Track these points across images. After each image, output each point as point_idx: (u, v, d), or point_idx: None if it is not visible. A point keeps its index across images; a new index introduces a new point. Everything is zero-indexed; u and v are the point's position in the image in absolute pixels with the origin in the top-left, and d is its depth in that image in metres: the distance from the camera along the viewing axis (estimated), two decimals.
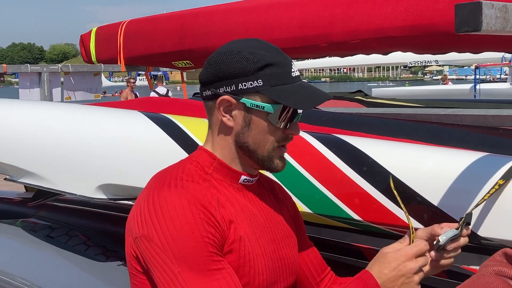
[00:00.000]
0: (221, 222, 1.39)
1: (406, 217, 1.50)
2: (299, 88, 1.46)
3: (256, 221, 1.48)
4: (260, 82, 1.42)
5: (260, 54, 1.43)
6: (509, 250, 1.43)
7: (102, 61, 4.60)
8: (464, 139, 2.22)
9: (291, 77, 1.46)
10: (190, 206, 1.36)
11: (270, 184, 1.66)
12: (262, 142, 1.46)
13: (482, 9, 1.16)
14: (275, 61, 1.44)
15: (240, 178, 1.50)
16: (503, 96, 10.93)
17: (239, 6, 3.45)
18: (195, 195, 1.39)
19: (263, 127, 1.45)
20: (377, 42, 2.82)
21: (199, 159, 1.50)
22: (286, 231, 1.58)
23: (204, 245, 1.34)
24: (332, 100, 4.11)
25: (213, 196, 1.42)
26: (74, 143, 2.33)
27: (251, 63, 1.42)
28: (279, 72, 1.44)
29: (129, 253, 1.45)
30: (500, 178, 1.59)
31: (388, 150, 1.90)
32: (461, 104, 3.51)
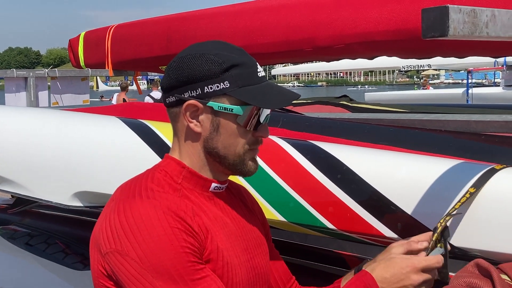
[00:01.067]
0: (198, 231, 1.34)
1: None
2: (267, 88, 1.42)
3: (229, 230, 1.44)
4: (227, 84, 1.37)
5: (225, 55, 1.38)
6: (481, 261, 1.40)
7: (90, 66, 4.57)
8: (446, 145, 2.19)
9: (257, 77, 1.41)
10: (166, 216, 1.30)
11: (238, 190, 1.61)
12: (232, 146, 1.41)
13: (449, 13, 1.12)
14: (241, 62, 1.39)
15: (210, 186, 1.45)
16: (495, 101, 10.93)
17: (225, 10, 3.43)
18: (169, 206, 1.33)
19: (232, 130, 1.40)
20: (361, 46, 2.80)
21: (167, 168, 1.44)
22: (258, 239, 1.54)
23: (185, 255, 1.28)
24: (317, 105, 4.09)
25: (187, 206, 1.36)
26: (50, 150, 2.29)
27: (216, 64, 1.37)
28: (245, 72, 1.39)
29: (96, 269, 1.37)
30: (471, 186, 1.56)
31: (363, 157, 1.86)
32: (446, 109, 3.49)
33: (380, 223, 1.71)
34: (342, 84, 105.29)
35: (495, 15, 1.20)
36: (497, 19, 1.21)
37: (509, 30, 1.23)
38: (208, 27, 3.41)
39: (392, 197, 1.69)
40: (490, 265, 1.37)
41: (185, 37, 3.53)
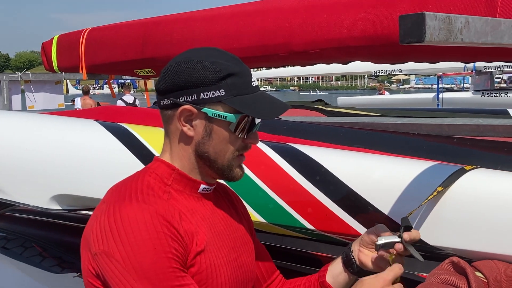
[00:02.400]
0: (184, 236, 1.37)
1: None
2: (260, 97, 1.46)
3: (216, 230, 1.48)
4: (222, 92, 1.41)
5: (222, 64, 1.43)
6: (456, 258, 1.45)
7: (64, 69, 4.55)
8: (420, 147, 2.25)
9: (251, 87, 1.46)
10: (153, 220, 1.33)
11: (224, 190, 1.66)
12: (223, 151, 1.46)
13: (426, 20, 1.16)
14: (236, 71, 1.43)
15: (199, 187, 1.49)
16: (465, 105, 11.12)
17: (201, 15, 3.45)
18: (157, 209, 1.36)
19: (224, 137, 1.45)
20: (336, 51, 2.84)
21: (158, 170, 1.48)
22: (244, 237, 1.59)
23: (167, 261, 1.31)
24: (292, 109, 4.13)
25: (175, 209, 1.40)
26: (28, 153, 2.29)
27: (213, 72, 1.41)
28: (240, 82, 1.43)
29: (86, 269, 1.40)
30: (440, 185, 1.61)
31: (340, 159, 1.91)
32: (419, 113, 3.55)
33: (358, 223, 1.76)
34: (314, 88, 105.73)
35: (469, 22, 1.25)
36: (471, 25, 1.26)
37: (482, 36, 1.29)
38: (184, 31, 3.42)
39: (369, 198, 1.74)
40: (465, 262, 1.42)
41: (160, 41, 3.54)
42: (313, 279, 1.67)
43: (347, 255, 1.64)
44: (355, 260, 1.62)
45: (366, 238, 1.61)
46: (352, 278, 1.63)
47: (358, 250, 1.62)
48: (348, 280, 1.64)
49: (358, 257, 1.62)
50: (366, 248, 1.61)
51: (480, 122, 2.60)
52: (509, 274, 1.43)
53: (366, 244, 1.61)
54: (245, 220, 1.65)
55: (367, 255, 1.60)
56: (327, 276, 1.65)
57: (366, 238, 1.61)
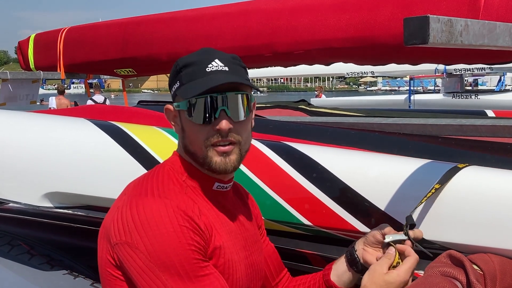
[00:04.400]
0: (204, 229, 1.40)
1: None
2: (203, 79, 1.43)
3: (230, 228, 1.50)
4: (178, 83, 1.46)
5: (183, 58, 1.47)
6: (453, 252, 1.51)
7: (41, 68, 4.51)
8: (406, 147, 2.30)
9: (204, 72, 1.44)
10: (176, 215, 1.36)
11: (236, 188, 1.68)
12: (195, 142, 1.47)
13: (429, 23, 1.22)
14: (194, 61, 1.46)
15: (214, 185, 1.51)
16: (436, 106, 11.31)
17: (183, 15, 3.46)
18: (179, 205, 1.39)
19: (190, 127, 1.47)
20: (320, 52, 2.88)
21: (175, 166, 1.52)
22: (255, 236, 1.61)
23: (191, 253, 1.35)
24: (276, 108, 4.17)
25: (194, 204, 1.43)
26: (19, 151, 2.29)
27: (174, 67, 1.48)
28: (194, 70, 1.45)
29: (105, 258, 1.43)
30: (437, 183, 1.67)
31: (336, 157, 1.96)
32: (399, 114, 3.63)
33: (355, 218, 1.81)
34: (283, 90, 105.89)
35: (468, 25, 1.31)
36: (470, 28, 1.32)
37: (480, 38, 1.35)
38: (166, 31, 3.43)
39: (366, 194, 1.79)
40: (462, 255, 1.48)
41: (141, 41, 3.55)
42: (318, 277, 1.71)
43: (351, 254, 1.68)
44: (359, 259, 1.66)
45: (371, 237, 1.65)
46: (356, 277, 1.67)
47: (362, 249, 1.66)
48: (352, 278, 1.68)
49: (362, 256, 1.66)
50: (371, 247, 1.65)
51: (463, 123, 2.68)
52: (502, 267, 1.49)
53: (371, 243, 1.65)
54: (256, 219, 1.68)
55: (372, 254, 1.64)
56: (332, 274, 1.69)
57: (371, 238, 1.65)
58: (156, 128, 2.25)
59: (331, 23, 2.74)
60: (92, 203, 2.28)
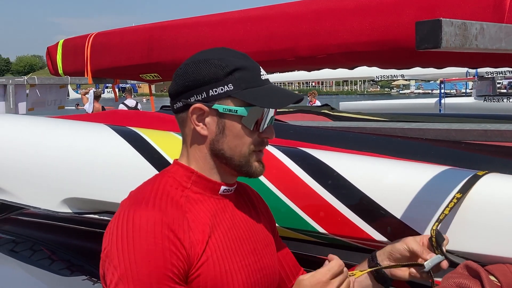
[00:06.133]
0: (188, 247, 1.36)
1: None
2: (270, 89, 1.46)
3: (235, 233, 1.47)
4: (231, 86, 1.42)
5: (228, 60, 1.44)
6: (470, 262, 1.46)
7: (69, 74, 4.56)
8: (428, 152, 2.25)
9: (260, 80, 1.46)
10: (155, 228, 1.32)
11: (244, 190, 1.65)
12: (238, 147, 1.45)
13: (442, 26, 1.18)
14: (244, 65, 1.44)
15: (219, 189, 1.49)
16: (467, 110, 11.13)
17: (207, 19, 3.47)
18: (164, 218, 1.35)
19: (237, 132, 1.45)
20: (343, 56, 2.85)
21: (176, 175, 1.48)
22: (266, 239, 1.58)
23: (164, 277, 1.30)
24: (299, 113, 4.14)
25: (185, 217, 1.39)
26: (39, 156, 2.30)
27: (220, 68, 1.42)
28: (248, 75, 1.44)
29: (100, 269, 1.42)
30: (457, 192, 1.62)
31: (352, 163, 1.92)
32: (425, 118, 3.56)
33: (370, 227, 1.77)
34: None
35: (484, 28, 1.27)
36: (485, 32, 1.28)
37: (496, 42, 1.30)
38: (190, 36, 3.44)
39: (382, 202, 1.75)
40: (479, 266, 1.43)
41: (166, 46, 3.56)
42: None
43: (377, 272, 1.62)
44: (388, 275, 1.62)
45: (397, 254, 1.59)
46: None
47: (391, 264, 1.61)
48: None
49: (392, 273, 1.61)
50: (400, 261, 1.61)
51: (488, 127, 2.61)
52: None
53: (399, 260, 1.60)
54: (267, 221, 1.65)
55: (404, 271, 1.60)
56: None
57: (397, 255, 1.59)
58: (173, 134, 2.24)
59: (354, 27, 2.72)
60: (110, 209, 2.29)
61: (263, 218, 1.63)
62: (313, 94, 16.43)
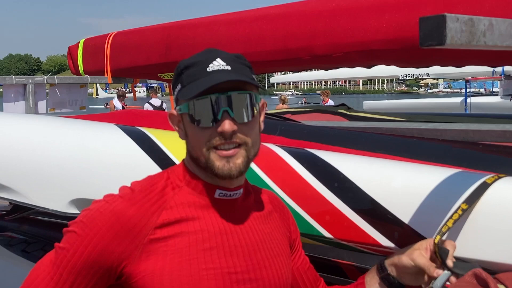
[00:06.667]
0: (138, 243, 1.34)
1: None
2: (205, 79, 1.36)
3: (227, 239, 1.39)
4: (180, 86, 1.40)
5: (185, 60, 1.41)
6: (478, 270, 1.40)
7: (89, 73, 4.58)
8: (444, 154, 2.18)
9: (205, 72, 1.37)
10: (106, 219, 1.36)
11: (263, 198, 1.56)
12: (197, 146, 1.40)
13: (447, 22, 1.12)
14: (195, 61, 1.39)
15: (215, 193, 1.43)
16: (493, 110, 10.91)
17: (224, 18, 3.44)
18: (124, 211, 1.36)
19: (193, 131, 1.40)
20: (359, 55, 2.80)
21: (174, 172, 1.47)
22: (274, 250, 1.48)
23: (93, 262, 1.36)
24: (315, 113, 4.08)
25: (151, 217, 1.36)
26: (47, 157, 2.28)
27: (176, 70, 1.42)
28: (194, 71, 1.38)
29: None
30: (463, 202, 1.55)
31: (360, 166, 1.86)
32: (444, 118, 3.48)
33: (377, 232, 1.70)
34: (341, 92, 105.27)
35: (493, 24, 1.21)
36: (495, 28, 1.21)
37: (507, 39, 1.23)
38: (207, 35, 3.42)
39: (389, 206, 1.68)
40: (487, 274, 1.37)
41: (184, 45, 3.54)
42: None
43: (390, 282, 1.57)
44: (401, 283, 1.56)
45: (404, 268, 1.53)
46: None
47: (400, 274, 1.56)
48: None
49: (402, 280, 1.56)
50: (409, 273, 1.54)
51: (507, 128, 2.53)
52: None
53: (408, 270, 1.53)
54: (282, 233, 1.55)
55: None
56: None
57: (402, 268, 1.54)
58: None
59: (370, 25, 2.66)
60: None
61: (278, 228, 1.54)
62: (325, 93, 16.03)
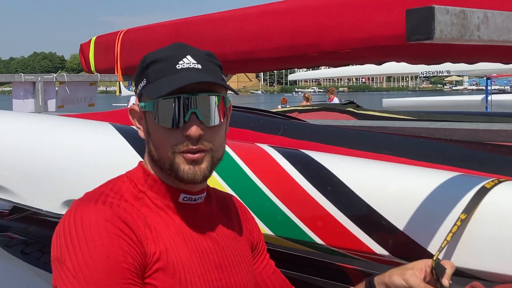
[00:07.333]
0: (144, 242, 1.22)
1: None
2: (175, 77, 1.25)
3: (196, 246, 1.31)
4: (144, 81, 1.29)
5: (151, 54, 1.30)
6: (477, 284, 1.31)
7: (101, 71, 4.54)
8: (451, 155, 2.08)
9: (174, 69, 1.26)
10: (107, 224, 1.19)
11: (224, 202, 1.48)
12: (161, 147, 1.28)
13: (435, 15, 1.03)
14: (163, 57, 1.28)
15: (179, 197, 1.33)
16: None
17: (231, 14, 3.39)
18: (115, 212, 1.22)
19: (156, 131, 1.28)
20: (368, 51, 2.72)
21: (134, 176, 1.35)
22: (239, 256, 1.40)
23: (120, 272, 1.17)
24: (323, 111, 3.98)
25: (140, 216, 1.26)
26: (41, 156, 2.22)
27: (141, 64, 1.30)
28: (162, 66, 1.27)
29: (53, 282, 1.26)
30: (462, 212, 1.44)
31: (354, 168, 1.76)
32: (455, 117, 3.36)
33: (371, 239, 1.60)
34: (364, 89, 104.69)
35: (488, 17, 1.11)
36: (490, 21, 1.11)
37: (504, 33, 1.13)
38: (215, 31, 3.37)
39: (384, 212, 1.58)
40: None
41: (192, 41, 3.45)
42: None
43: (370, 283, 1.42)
44: None
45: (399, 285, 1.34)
46: None
47: None
48: None
49: None
50: None
51: None
52: None
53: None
54: (248, 235, 1.48)
55: None
56: None
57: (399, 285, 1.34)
58: None
59: (379, 20, 2.58)
60: None
61: (241, 232, 1.46)
62: (331, 91, 15.88)
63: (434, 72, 11.93)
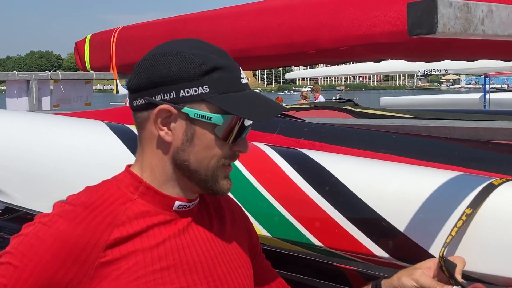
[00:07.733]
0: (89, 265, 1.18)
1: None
2: (251, 97, 1.24)
3: (186, 255, 1.26)
4: (207, 89, 1.20)
5: (205, 56, 1.21)
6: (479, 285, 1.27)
7: (96, 69, 4.50)
8: (451, 153, 2.04)
9: (240, 84, 1.24)
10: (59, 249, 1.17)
11: (217, 204, 1.42)
12: (206, 159, 1.23)
13: (438, 8, 0.98)
14: (223, 65, 1.21)
15: (173, 205, 1.27)
16: None
17: (227, 12, 3.35)
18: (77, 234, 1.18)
19: (208, 142, 1.23)
20: (366, 49, 2.68)
21: (122, 183, 1.28)
22: (235, 261, 1.35)
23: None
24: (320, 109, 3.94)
25: (111, 235, 1.20)
26: (32, 156, 2.18)
27: (195, 65, 1.20)
28: (227, 77, 1.22)
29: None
30: (467, 207, 1.40)
31: (353, 168, 1.71)
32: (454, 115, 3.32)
33: (370, 241, 1.56)
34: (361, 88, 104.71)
35: (493, 11, 1.07)
36: (495, 15, 1.07)
37: (509, 27, 1.09)
38: (211, 28, 3.33)
39: (383, 212, 1.54)
40: None
41: None
42: None
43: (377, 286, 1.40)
44: None
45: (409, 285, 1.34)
46: None
47: None
48: None
49: None
50: None
51: None
52: None
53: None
54: (243, 240, 1.43)
55: None
56: None
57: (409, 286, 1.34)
58: None
59: (377, 17, 2.54)
60: None
61: (236, 236, 1.41)
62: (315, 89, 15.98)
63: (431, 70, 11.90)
